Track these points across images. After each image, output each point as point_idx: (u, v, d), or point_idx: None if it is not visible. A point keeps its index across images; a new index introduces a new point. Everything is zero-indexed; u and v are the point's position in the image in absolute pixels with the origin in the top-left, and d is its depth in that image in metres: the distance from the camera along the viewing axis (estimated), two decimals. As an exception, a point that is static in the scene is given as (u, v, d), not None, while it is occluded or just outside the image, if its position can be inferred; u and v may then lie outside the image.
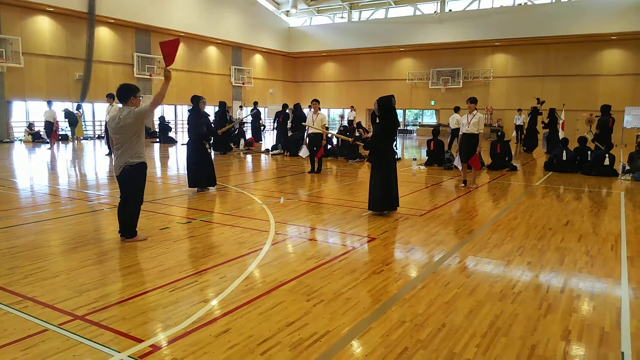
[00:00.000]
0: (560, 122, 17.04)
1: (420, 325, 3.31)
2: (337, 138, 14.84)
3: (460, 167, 9.97)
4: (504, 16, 25.35)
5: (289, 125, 16.73)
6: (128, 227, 5.26)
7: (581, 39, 24.30)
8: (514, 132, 22.05)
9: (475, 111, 9.18)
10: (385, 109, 6.71)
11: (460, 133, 9.58)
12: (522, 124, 21.75)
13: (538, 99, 18.36)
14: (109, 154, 14.54)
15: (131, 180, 5.17)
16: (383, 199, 6.76)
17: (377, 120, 6.92)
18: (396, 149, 11.93)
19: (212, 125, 9.60)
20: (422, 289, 4.01)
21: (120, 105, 5.19)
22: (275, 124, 17.37)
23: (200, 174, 8.43)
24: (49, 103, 17.90)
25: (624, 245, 5.45)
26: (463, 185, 9.53)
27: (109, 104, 14.68)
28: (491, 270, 4.54)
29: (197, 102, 8.48)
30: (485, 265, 4.67)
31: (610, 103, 13.77)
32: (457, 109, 16.31)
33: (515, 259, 4.89)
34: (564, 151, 12.04)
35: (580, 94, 24.74)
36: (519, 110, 22.06)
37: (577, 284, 4.22)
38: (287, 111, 16.88)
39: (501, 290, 4.00)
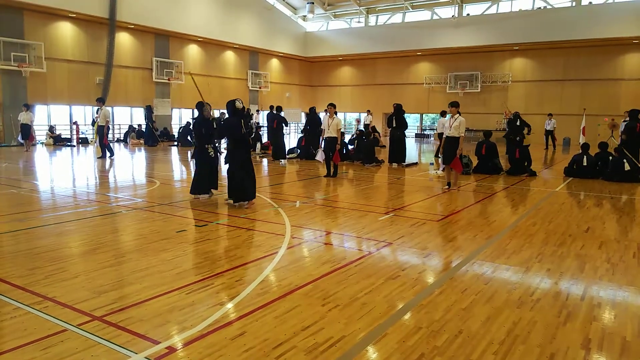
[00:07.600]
0: (582, 127, 16.73)
1: (437, 331, 3.27)
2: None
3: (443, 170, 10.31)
4: (522, 20, 25.06)
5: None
6: None
7: (602, 43, 23.86)
8: (544, 137, 21.39)
9: (457, 115, 9.44)
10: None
11: (443, 136, 9.86)
12: (553, 129, 21.14)
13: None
14: (102, 157, 14.57)
15: None
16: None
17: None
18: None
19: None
20: (439, 295, 3.97)
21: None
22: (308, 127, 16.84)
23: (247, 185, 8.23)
24: (26, 106, 17.64)
25: (647, 253, 5.32)
26: (447, 187, 9.65)
27: (98, 107, 14.83)
28: (509, 276, 4.47)
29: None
30: (504, 272, 4.60)
31: (632, 107, 13.45)
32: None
33: (534, 265, 4.81)
34: (585, 157, 11.81)
35: (601, 98, 24.28)
36: (550, 115, 21.30)
37: (598, 291, 4.13)
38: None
39: (519, 297, 3.94)
